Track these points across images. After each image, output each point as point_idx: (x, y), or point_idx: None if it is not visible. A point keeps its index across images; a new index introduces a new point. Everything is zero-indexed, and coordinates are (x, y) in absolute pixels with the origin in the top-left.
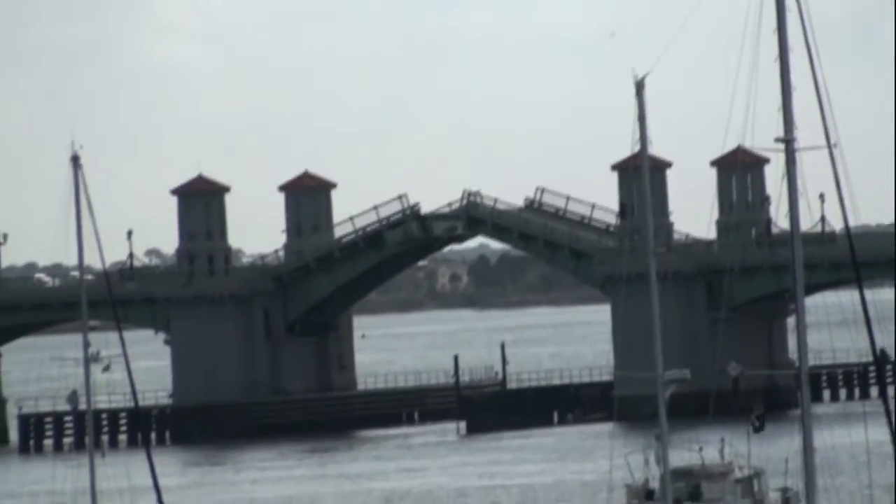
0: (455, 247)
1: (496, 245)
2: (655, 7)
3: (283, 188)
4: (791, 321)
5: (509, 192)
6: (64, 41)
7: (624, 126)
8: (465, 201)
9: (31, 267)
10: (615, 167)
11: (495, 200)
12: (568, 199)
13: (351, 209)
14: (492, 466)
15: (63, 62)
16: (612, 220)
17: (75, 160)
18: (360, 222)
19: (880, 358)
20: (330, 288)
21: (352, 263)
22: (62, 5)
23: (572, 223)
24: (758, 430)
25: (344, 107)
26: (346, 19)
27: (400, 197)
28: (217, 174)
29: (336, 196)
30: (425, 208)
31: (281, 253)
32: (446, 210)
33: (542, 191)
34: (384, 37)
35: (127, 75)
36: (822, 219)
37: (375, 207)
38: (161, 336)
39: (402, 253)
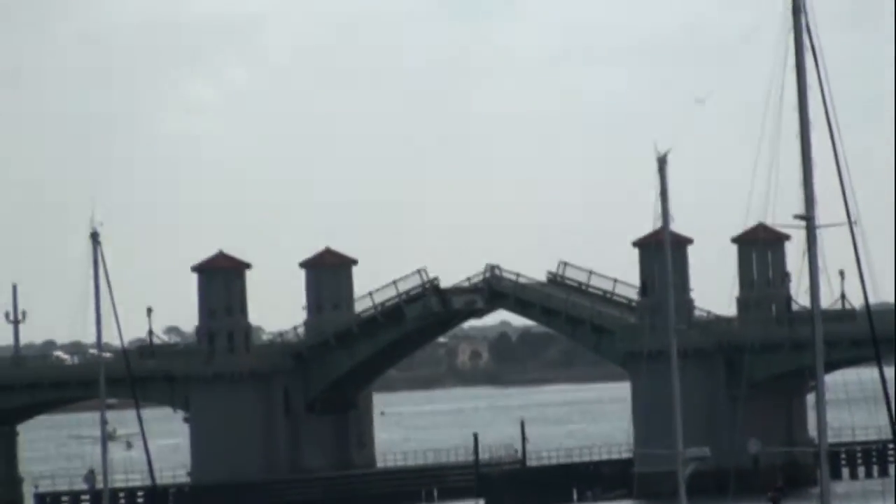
0: (476, 323)
1: (517, 322)
2: (677, 83)
3: (304, 265)
4: (811, 398)
5: (529, 268)
6: (84, 115)
7: (645, 202)
8: (488, 274)
9: (50, 344)
10: (636, 244)
11: (518, 275)
12: (590, 273)
13: (372, 286)
14: None
15: (83, 137)
16: (633, 295)
17: (94, 236)
18: (380, 297)
19: None
20: (350, 364)
21: (371, 339)
22: (82, 79)
23: (594, 298)
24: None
25: (365, 183)
26: (366, 95)
27: (419, 271)
28: (238, 251)
29: (357, 272)
30: (446, 283)
31: (301, 330)
32: (466, 284)
33: (565, 265)
34: (405, 112)
35: (147, 150)
36: (843, 296)
37: (394, 282)
38: (180, 414)
39: (421, 328)
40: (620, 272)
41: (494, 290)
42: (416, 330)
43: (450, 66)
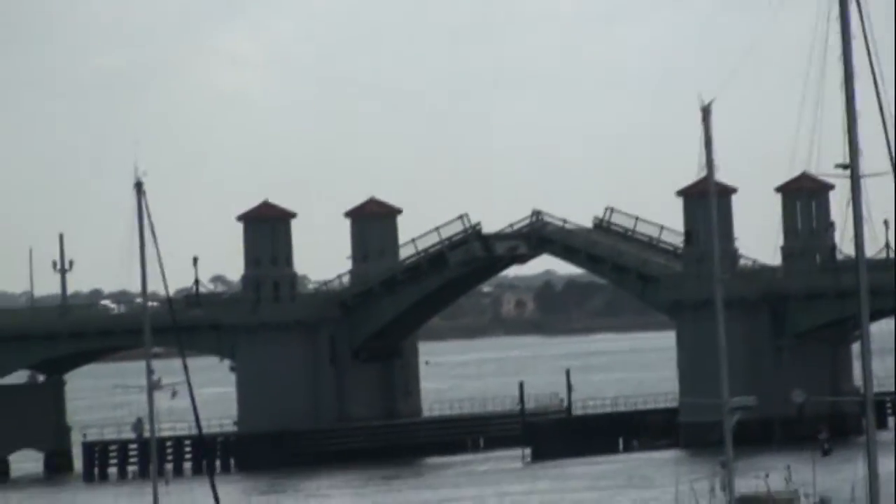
0: (520, 273)
1: (562, 271)
2: (723, 33)
3: (348, 214)
4: (856, 347)
5: (574, 215)
6: (129, 67)
7: (689, 152)
8: (535, 219)
9: (97, 293)
10: (680, 193)
11: (564, 221)
12: (637, 219)
13: (416, 234)
14: (557, 494)
15: (128, 88)
16: (679, 242)
17: (139, 186)
18: (423, 244)
19: None
20: (394, 312)
21: (415, 286)
22: (127, 32)
23: (641, 244)
24: (826, 453)
25: (410, 132)
26: (410, 43)
27: (461, 217)
28: (283, 200)
29: (402, 222)
30: (491, 231)
31: (345, 279)
32: (509, 230)
33: (612, 211)
34: (450, 61)
35: (192, 102)
36: (887, 245)
37: (437, 228)
38: (227, 363)
39: (465, 274)
40: (665, 221)
41: (541, 235)
42: (459, 276)
43: (496, 17)
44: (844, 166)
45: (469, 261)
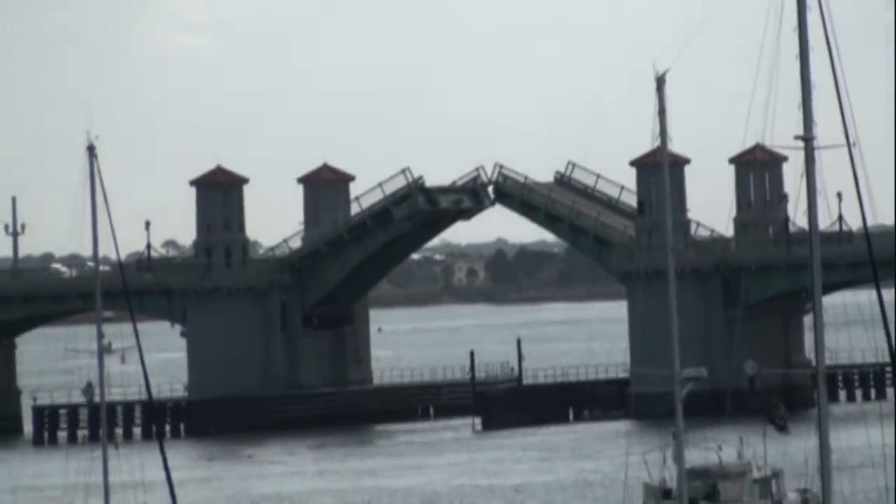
0: (472, 241)
1: (514, 239)
2: (678, 2)
3: (301, 180)
4: (808, 320)
5: (531, 171)
6: (82, 31)
7: (643, 122)
8: (496, 173)
9: (48, 257)
10: (633, 163)
11: (525, 177)
12: (598, 177)
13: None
14: (506, 464)
15: (81, 52)
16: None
17: (91, 150)
18: (367, 201)
19: None
20: (342, 272)
21: (361, 244)
22: None
23: (601, 203)
24: (782, 429)
25: (366, 96)
26: (364, 3)
27: (404, 171)
28: (236, 165)
29: (354, 188)
30: (435, 185)
31: (294, 242)
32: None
33: (574, 166)
34: (406, 23)
35: (146, 66)
36: (840, 217)
37: (380, 184)
38: (178, 328)
39: (411, 230)
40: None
41: (500, 189)
42: (405, 233)
43: None
44: (802, 138)
45: (413, 215)
